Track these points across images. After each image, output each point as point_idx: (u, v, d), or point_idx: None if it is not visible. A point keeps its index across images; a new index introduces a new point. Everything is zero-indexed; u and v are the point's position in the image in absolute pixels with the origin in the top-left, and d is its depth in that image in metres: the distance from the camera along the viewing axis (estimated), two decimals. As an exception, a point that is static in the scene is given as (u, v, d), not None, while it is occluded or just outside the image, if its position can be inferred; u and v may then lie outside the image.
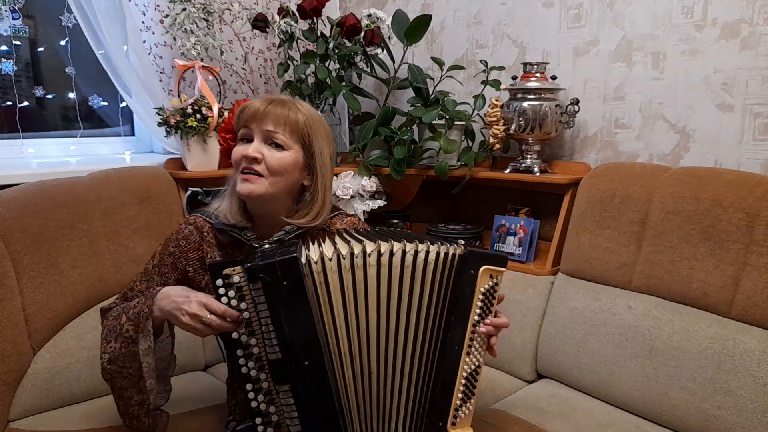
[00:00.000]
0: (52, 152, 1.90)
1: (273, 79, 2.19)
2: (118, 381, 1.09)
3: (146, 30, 1.89)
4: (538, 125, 1.74)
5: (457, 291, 1.07)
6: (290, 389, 1.00)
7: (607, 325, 1.49)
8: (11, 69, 1.81)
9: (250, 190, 1.08)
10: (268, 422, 1.03)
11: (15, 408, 1.34)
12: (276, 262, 0.97)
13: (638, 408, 1.41)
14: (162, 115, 1.76)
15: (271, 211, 1.14)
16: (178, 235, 1.17)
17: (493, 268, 1.07)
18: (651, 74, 1.65)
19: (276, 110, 1.09)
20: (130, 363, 1.05)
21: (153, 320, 1.04)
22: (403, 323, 1.04)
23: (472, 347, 1.08)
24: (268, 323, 0.99)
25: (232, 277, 1.00)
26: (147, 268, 1.18)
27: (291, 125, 1.10)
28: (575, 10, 1.79)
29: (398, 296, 1.03)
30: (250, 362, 1.01)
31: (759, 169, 1.48)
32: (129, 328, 1.05)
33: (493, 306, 1.09)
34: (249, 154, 1.07)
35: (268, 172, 1.08)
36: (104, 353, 1.09)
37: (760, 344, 1.25)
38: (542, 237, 1.86)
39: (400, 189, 2.01)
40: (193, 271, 1.16)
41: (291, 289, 0.98)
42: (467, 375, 1.08)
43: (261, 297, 0.99)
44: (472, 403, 1.10)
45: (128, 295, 1.17)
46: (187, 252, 1.15)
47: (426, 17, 1.90)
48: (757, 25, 1.45)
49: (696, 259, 1.38)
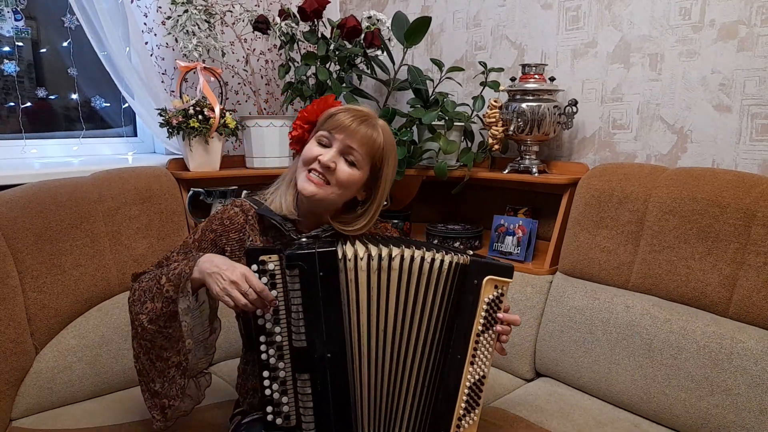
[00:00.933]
0: (55, 153, 1.92)
1: (274, 80, 2.20)
2: (158, 341, 1.09)
3: (148, 31, 1.90)
4: (536, 126, 1.75)
5: (460, 300, 1.08)
6: (309, 378, 1.03)
7: (605, 324, 1.49)
8: (14, 70, 1.82)
9: (314, 192, 1.10)
10: (278, 412, 1.04)
11: (17, 407, 1.35)
12: (316, 253, 1.02)
13: (636, 406, 1.42)
14: (164, 116, 1.78)
15: (320, 212, 1.17)
16: (223, 214, 1.19)
17: (498, 279, 1.07)
18: (649, 75, 1.66)
19: (364, 130, 1.11)
20: (170, 323, 1.07)
21: (192, 282, 1.05)
22: (415, 329, 1.07)
23: (476, 357, 1.08)
24: (299, 311, 1.02)
25: (268, 264, 1.03)
26: (186, 242, 1.21)
27: (371, 147, 1.12)
28: (573, 12, 1.80)
29: (413, 302, 1.07)
30: (271, 350, 1.04)
31: (756, 169, 1.49)
32: (169, 288, 1.06)
33: (497, 315, 1.09)
34: (325, 162, 1.09)
35: (336, 183, 1.11)
36: (140, 313, 1.09)
37: (758, 343, 1.26)
38: (541, 237, 1.87)
39: (400, 189, 2.02)
40: (230, 251, 1.17)
41: (326, 280, 1.02)
42: (471, 385, 1.08)
43: (296, 284, 1.02)
44: (476, 413, 1.09)
45: (162, 263, 1.19)
46: (229, 232, 1.18)
47: (426, 19, 1.91)
48: (755, 27, 1.46)
49: (693, 259, 1.39)
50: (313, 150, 1.12)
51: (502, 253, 1.81)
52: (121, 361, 1.51)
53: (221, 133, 1.83)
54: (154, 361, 1.12)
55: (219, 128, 1.81)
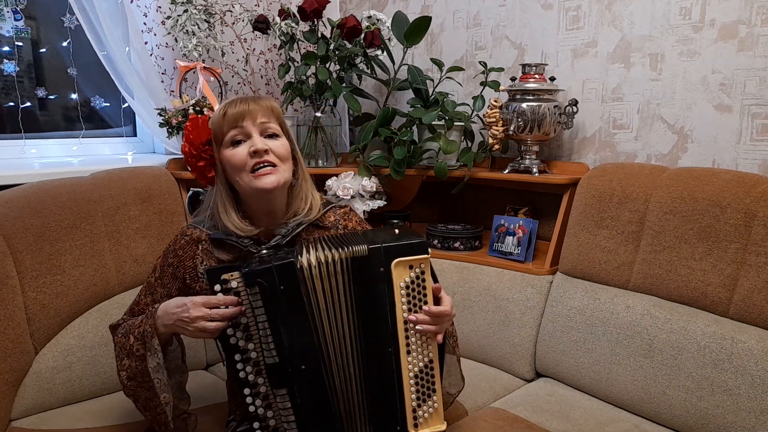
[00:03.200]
0: (54, 153, 1.91)
1: (274, 80, 2.20)
2: (141, 394, 1.12)
3: (148, 31, 1.90)
4: (536, 126, 1.75)
5: (372, 292, 1.03)
6: (287, 393, 1.01)
7: (606, 324, 1.49)
8: (13, 70, 1.82)
9: (276, 180, 1.09)
10: (265, 426, 1.04)
11: (17, 407, 1.35)
12: (273, 267, 0.99)
13: (636, 407, 1.42)
14: (164, 115, 1.78)
15: (276, 206, 1.16)
16: (175, 245, 1.19)
17: (408, 259, 1.01)
18: (649, 75, 1.66)
19: (261, 103, 1.12)
20: (148, 377, 1.08)
21: (160, 336, 1.07)
22: (349, 329, 1.05)
23: (412, 345, 1.04)
24: (265, 327, 1.00)
25: (230, 282, 1.01)
26: (150, 281, 1.20)
27: (275, 114, 1.13)
28: (574, 12, 1.80)
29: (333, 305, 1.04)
30: (248, 367, 1.03)
31: (757, 169, 1.49)
32: (138, 347, 1.08)
33: (425, 297, 1.04)
34: (260, 147, 1.08)
35: (279, 160, 1.10)
36: (121, 370, 1.12)
37: (758, 343, 1.26)
38: (541, 237, 1.87)
39: (400, 189, 2.02)
40: (189, 279, 1.17)
41: (288, 293, 1.00)
42: (416, 374, 1.04)
43: (258, 302, 1.00)
44: (434, 401, 1.06)
45: (135, 309, 1.21)
46: (184, 261, 1.17)
47: (426, 19, 1.91)
48: (755, 26, 1.46)
49: (694, 259, 1.38)
50: (237, 152, 1.10)
51: (503, 253, 1.81)
52: (121, 361, 1.51)
53: (221, 133, 1.83)
54: (143, 410, 1.15)
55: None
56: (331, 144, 2.07)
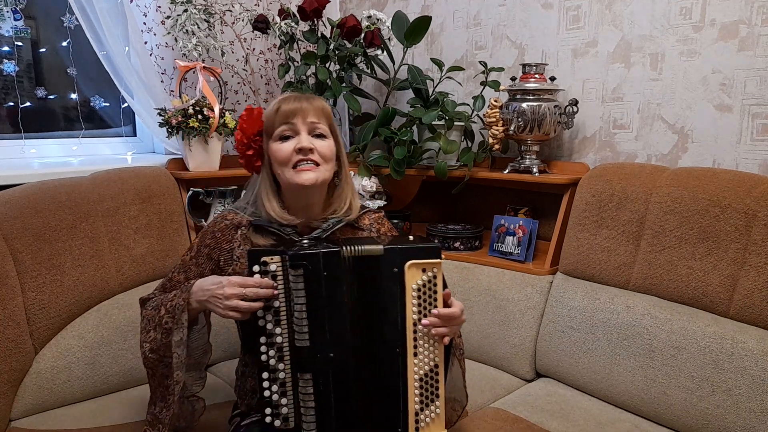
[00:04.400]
0: (54, 153, 1.91)
1: (274, 80, 2.20)
2: (159, 369, 1.14)
3: (148, 31, 1.89)
4: (536, 126, 1.75)
5: (385, 292, 1.04)
6: (311, 378, 1.03)
7: (606, 324, 1.49)
8: (13, 69, 1.82)
9: (315, 177, 1.13)
10: (277, 414, 1.04)
11: (17, 407, 1.35)
12: (320, 253, 1.02)
13: (637, 407, 1.42)
14: (163, 115, 1.77)
15: (314, 201, 1.19)
16: (214, 227, 1.22)
17: (422, 262, 1.03)
18: (649, 75, 1.66)
19: (314, 104, 1.16)
20: (169, 352, 1.12)
21: (190, 312, 1.10)
22: (365, 328, 1.06)
23: (419, 347, 1.04)
24: (302, 310, 1.02)
25: (270, 265, 1.04)
26: (184, 260, 1.24)
27: (326, 115, 1.17)
28: (574, 12, 1.80)
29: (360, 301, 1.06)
30: (271, 351, 1.04)
31: (757, 169, 1.48)
32: (168, 319, 1.11)
33: (436, 301, 1.04)
34: (306, 146, 1.12)
35: (322, 160, 1.14)
36: (145, 342, 1.15)
37: (758, 344, 1.26)
38: (541, 237, 1.87)
39: (400, 189, 2.02)
40: (223, 262, 1.20)
41: (330, 280, 1.03)
42: (421, 377, 1.04)
43: (300, 284, 1.02)
44: (437, 406, 1.06)
45: (167, 285, 1.24)
46: (221, 243, 1.20)
47: (426, 19, 1.91)
48: (756, 26, 1.46)
49: (694, 259, 1.38)
50: (283, 147, 1.14)
51: (503, 253, 1.81)
52: (120, 361, 1.51)
53: (221, 132, 1.83)
54: (156, 387, 1.17)
55: (218, 128, 1.81)
56: (331, 144, 2.06)
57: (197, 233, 1.82)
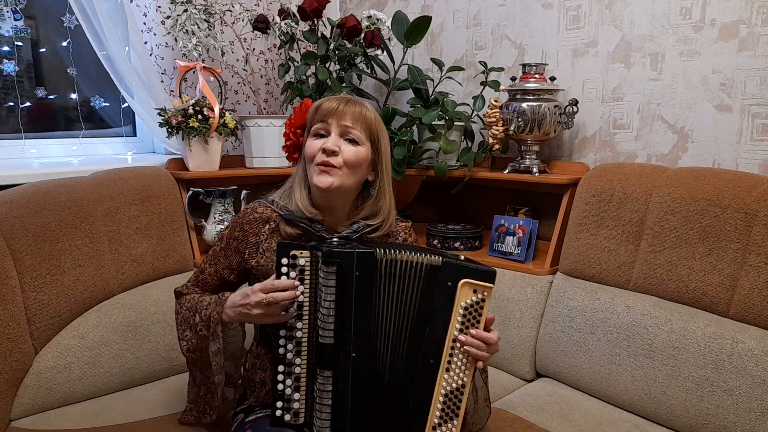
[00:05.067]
0: (54, 153, 1.91)
1: (274, 80, 2.20)
2: (199, 363, 1.22)
3: (148, 31, 1.90)
4: (536, 126, 1.75)
5: (434, 302, 1.05)
6: (332, 375, 1.03)
7: (606, 324, 1.49)
8: (13, 69, 1.82)
9: (330, 182, 1.12)
10: (288, 408, 1.05)
11: (17, 407, 1.35)
12: (355, 253, 1.03)
13: (636, 407, 1.42)
14: (163, 115, 1.77)
15: (337, 205, 1.19)
16: (243, 219, 1.23)
17: (475, 283, 1.04)
18: (649, 75, 1.66)
19: (353, 108, 1.15)
20: (205, 356, 1.19)
21: (223, 323, 1.15)
22: (396, 331, 1.08)
23: (453, 364, 1.05)
24: (330, 307, 1.03)
25: (299, 258, 1.05)
26: (215, 250, 1.27)
27: (365, 122, 1.16)
28: (574, 12, 1.80)
29: (396, 305, 1.08)
30: (290, 345, 1.05)
31: (757, 169, 1.48)
32: (202, 327, 1.17)
33: (479, 323, 1.05)
34: (329, 147, 1.12)
35: (345, 165, 1.13)
36: (182, 340, 1.22)
37: (759, 344, 1.26)
38: (541, 237, 1.87)
39: (400, 189, 2.01)
40: (248, 254, 1.21)
41: (362, 279, 1.04)
42: (447, 393, 1.05)
43: (331, 281, 1.03)
44: (455, 425, 1.05)
45: (199, 278, 1.28)
46: (248, 236, 1.21)
47: (426, 19, 1.91)
48: (756, 26, 1.46)
49: (694, 259, 1.38)
50: (314, 144, 1.14)
51: (503, 253, 1.81)
52: (120, 361, 1.51)
53: (221, 132, 1.83)
54: (197, 374, 1.25)
55: (218, 128, 1.81)
56: (331, 144, 2.06)
57: (197, 233, 1.82)
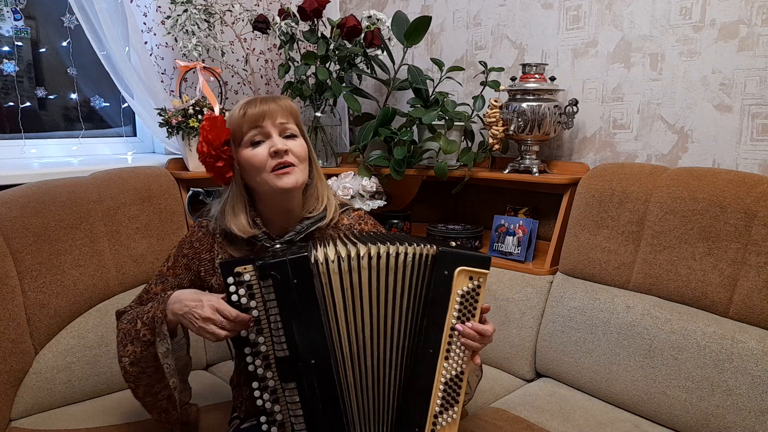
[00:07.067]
0: (54, 153, 1.91)
1: (274, 80, 2.20)
2: (143, 380, 1.12)
3: (148, 31, 1.89)
4: (536, 126, 1.75)
5: (431, 292, 1.04)
6: (296, 387, 1.02)
7: (606, 324, 1.49)
8: (13, 69, 1.82)
9: (295, 180, 1.10)
10: (272, 421, 1.04)
11: (17, 407, 1.35)
12: (287, 261, 0.99)
13: (637, 407, 1.42)
14: (163, 115, 1.77)
15: (293, 205, 1.17)
16: (191, 237, 1.20)
17: (471, 270, 1.03)
18: (649, 75, 1.66)
19: (279, 104, 1.12)
20: (151, 363, 1.09)
21: (167, 323, 1.08)
22: (389, 325, 1.05)
23: (451, 352, 1.05)
24: (277, 320, 1.01)
25: (243, 275, 1.01)
26: (162, 271, 1.21)
27: (293, 114, 1.14)
28: (574, 12, 1.80)
29: (384, 299, 1.04)
30: (257, 360, 1.03)
31: (757, 169, 1.49)
32: (145, 332, 1.08)
33: (475, 310, 1.05)
34: (281, 148, 1.09)
35: (298, 160, 1.12)
36: (123, 356, 1.11)
37: (759, 344, 1.26)
38: (541, 237, 1.87)
39: (400, 189, 2.01)
40: (204, 272, 1.18)
41: (301, 287, 1.00)
42: (446, 381, 1.05)
43: (271, 295, 1.00)
44: (455, 411, 1.06)
45: (143, 297, 1.21)
46: (200, 253, 1.18)
47: (426, 19, 1.91)
48: (756, 26, 1.46)
49: (694, 259, 1.38)
50: (258, 152, 1.10)
51: (503, 253, 1.81)
52: (121, 361, 1.51)
53: (221, 132, 1.82)
54: (144, 396, 1.15)
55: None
56: (331, 144, 2.07)
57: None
